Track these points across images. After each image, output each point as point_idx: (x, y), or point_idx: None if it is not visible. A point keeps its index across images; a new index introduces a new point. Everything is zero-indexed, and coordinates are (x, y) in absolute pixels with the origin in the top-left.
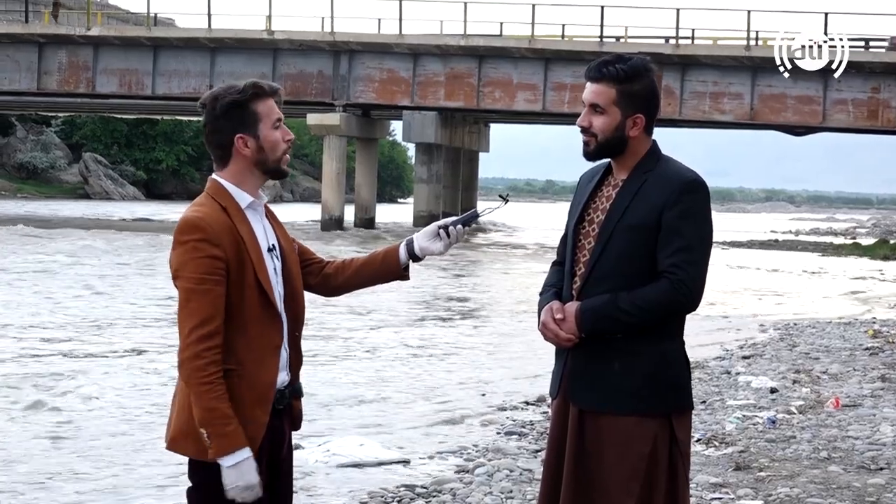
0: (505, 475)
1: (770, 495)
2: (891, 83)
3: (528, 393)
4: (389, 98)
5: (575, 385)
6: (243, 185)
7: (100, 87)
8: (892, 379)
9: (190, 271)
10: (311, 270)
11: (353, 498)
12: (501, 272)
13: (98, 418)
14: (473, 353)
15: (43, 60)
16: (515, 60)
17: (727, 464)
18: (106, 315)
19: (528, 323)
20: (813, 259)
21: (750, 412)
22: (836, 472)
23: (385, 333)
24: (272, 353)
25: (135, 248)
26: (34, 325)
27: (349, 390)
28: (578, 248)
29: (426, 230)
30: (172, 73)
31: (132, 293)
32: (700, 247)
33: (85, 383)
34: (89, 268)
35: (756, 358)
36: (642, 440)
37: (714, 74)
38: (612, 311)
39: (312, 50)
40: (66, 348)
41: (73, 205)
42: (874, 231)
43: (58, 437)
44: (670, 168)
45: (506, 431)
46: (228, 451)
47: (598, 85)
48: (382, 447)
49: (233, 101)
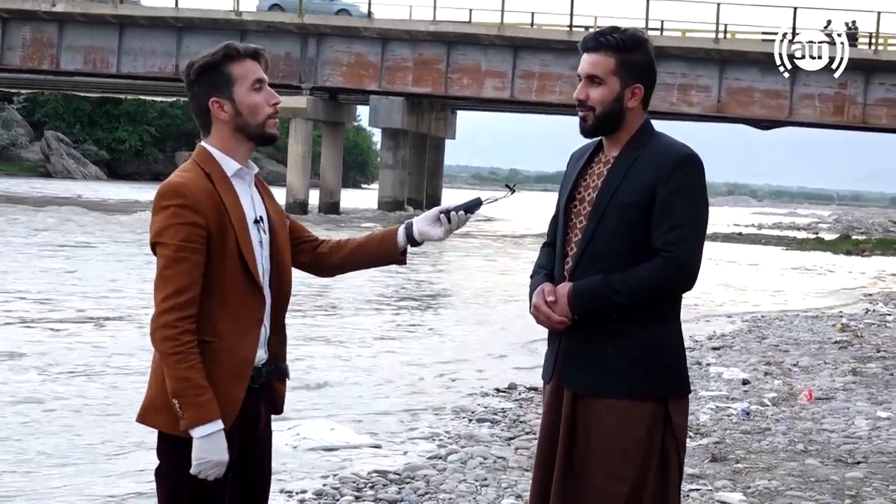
0: (479, 462)
1: (749, 487)
2: (857, 79)
3: (499, 380)
4: (357, 82)
5: (568, 369)
6: (231, 153)
7: (64, 65)
8: (863, 373)
9: (169, 238)
10: (302, 249)
11: (325, 483)
12: (470, 260)
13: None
14: (442, 340)
15: (6, 36)
16: (484, 47)
17: (703, 455)
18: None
19: (498, 310)
20: (777, 253)
21: (723, 403)
22: (814, 465)
23: (354, 319)
24: (252, 327)
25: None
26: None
27: (318, 374)
28: (570, 228)
29: (427, 214)
30: (138, 52)
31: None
32: (694, 224)
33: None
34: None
35: (726, 349)
36: (636, 424)
37: (683, 66)
38: (605, 291)
39: (280, 32)
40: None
41: (37, 182)
42: (836, 226)
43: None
44: (663, 143)
45: (477, 419)
46: (200, 421)
47: (596, 55)
48: (354, 432)
49: (204, 64)
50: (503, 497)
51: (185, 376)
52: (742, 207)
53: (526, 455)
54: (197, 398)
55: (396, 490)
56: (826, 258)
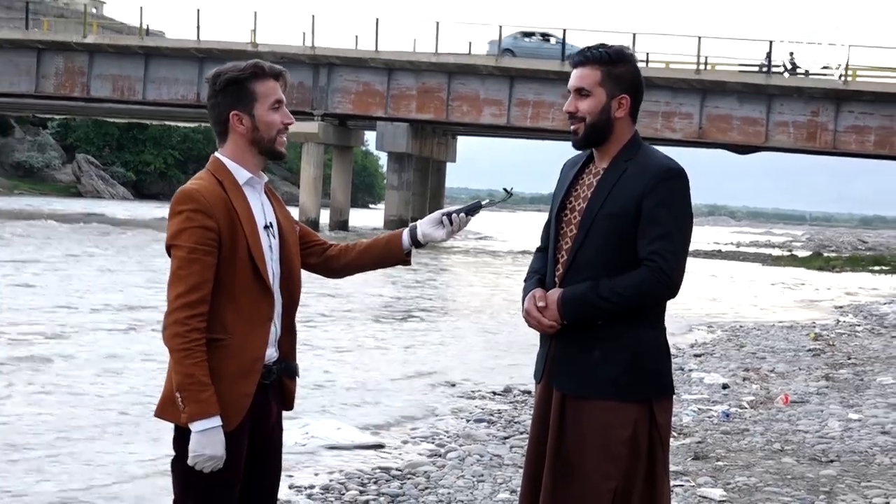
0: (476, 460)
1: (729, 483)
2: (829, 107)
3: (495, 384)
4: (365, 109)
5: (557, 370)
6: (243, 163)
7: (94, 92)
8: (835, 378)
9: (182, 240)
10: (312, 251)
11: (331, 479)
12: (469, 275)
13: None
14: (442, 347)
15: (41, 65)
16: (483, 77)
17: (686, 453)
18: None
19: (493, 320)
20: (755, 269)
21: (704, 406)
22: (790, 464)
23: (361, 328)
24: (261, 326)
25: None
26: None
27: (327, 377)
28: (561, 236)
29: (430, 217)
30: (162, 81)
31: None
32: (678, 234)
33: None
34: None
35: (707, 356)
36: (622, 425)
37: (667, 95)
38: (593, 298)
39: (294, 62)
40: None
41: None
42: (808, 245)
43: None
44: (649, 157)
45: (475, 419)
46: (200, 416)
47: (584, 69)
48: (359, 432)
49: (231, 78)
50: (498, 492)
51: (190, 372)
52: (722, 227)
53: (520, 453)
54: (199, 394)
55: (398, 485)
56: (800, 273)
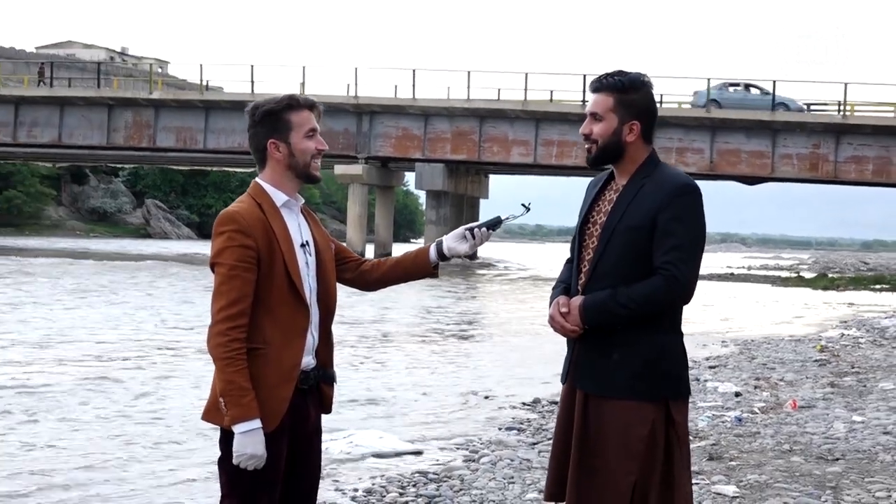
0: (507, 463)
1: (741, 481)
2: (829, 140)
3: (525, 396)
4: (404, 152)
5: (580, 372)
6: (280, 187)
7: (160, 142)
8: (840, 385)
9: (224, 258)
10: (348, 266)
11: (373, 483)
12: (500, 301)
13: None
14: (476, 363)
15: (112, 120)
16: (511, 120)
17: (701, 455)
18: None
19: (524, 339)
20: (764, 289)
21: (718, 412)
22: (798, 462)
23: (402, 347)
24: (298, 335)
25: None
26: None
27: (370, 392)
28: (584, 248)
29: (454, 233)
30: (221, 131)
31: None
32: (691, 246)
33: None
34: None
35: (720, 367)
36: (640, 423)
37: (679, 133)
38: (612, 305)
39: (339, 111)
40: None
41: (140, 243)
42: (814, 267)
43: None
44: (665, 174)
45: (506, 427)
46: (241, 419)
47: (599, 95)
48: (399, 440)
49: (268, 110)
50: (527, 492)
51: (232, 379)
52: (733, 253)
53: (548, 457)
54: (240, 399)
55: (435, 487)
56: (807, 293)
